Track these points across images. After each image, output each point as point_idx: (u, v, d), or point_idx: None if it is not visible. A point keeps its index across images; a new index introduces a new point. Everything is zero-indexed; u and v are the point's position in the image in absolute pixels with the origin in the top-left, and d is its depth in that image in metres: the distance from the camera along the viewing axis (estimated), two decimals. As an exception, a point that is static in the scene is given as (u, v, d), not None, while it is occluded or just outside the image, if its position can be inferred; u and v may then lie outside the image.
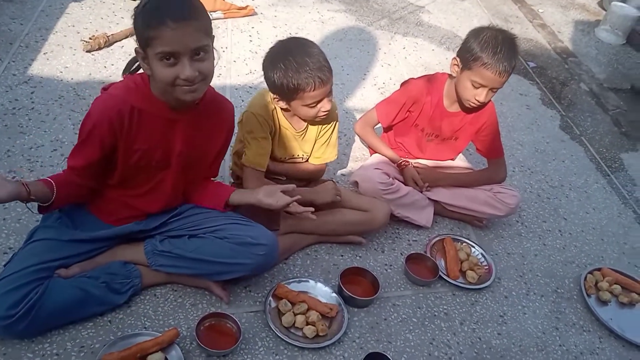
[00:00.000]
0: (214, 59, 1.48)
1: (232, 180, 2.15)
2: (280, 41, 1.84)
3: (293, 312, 1.79)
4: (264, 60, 1.83)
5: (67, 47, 2.80)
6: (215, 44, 1.49)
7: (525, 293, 2.13)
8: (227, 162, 2.33)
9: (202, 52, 1.42)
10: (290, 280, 1.91)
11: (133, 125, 1.53)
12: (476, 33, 2.01)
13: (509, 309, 2.05)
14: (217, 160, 1.79)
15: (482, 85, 1.99)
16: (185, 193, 1.79)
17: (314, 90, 1.76)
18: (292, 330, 1.77)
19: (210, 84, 1.67)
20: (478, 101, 2.02)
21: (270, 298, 1.81)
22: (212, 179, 1.85)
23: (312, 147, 2.05)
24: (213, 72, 1.49)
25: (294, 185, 1.75)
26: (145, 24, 1.37)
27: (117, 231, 1.72)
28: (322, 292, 1.90)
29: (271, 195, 1.69)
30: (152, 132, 1.56)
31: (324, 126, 2.02)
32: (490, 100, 2.13)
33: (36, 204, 1.53)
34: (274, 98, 1.85)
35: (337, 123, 2.07)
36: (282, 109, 1.90)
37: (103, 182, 1.64)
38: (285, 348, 1.72)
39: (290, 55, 1.76)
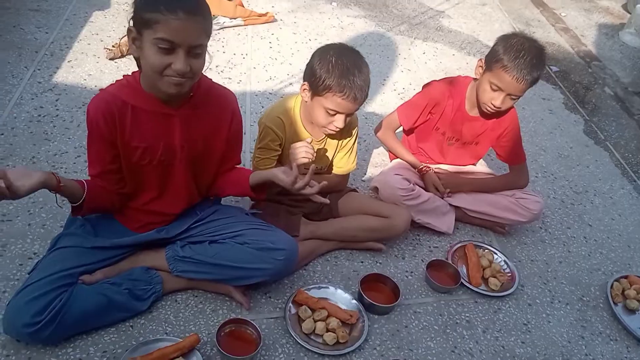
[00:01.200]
0: (205, 58, 1.47)
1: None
2: (343, 44, 1.83)
3: (313, 318, 1.79)
4: (317, 50, 1.80)
5: (90, 55, 2.84)
6: (236, 51, 1.50)
7: (549, 301, 2.09)
8: (247, 167, 2.34)
9: (199, 49, 1.41)
10: (310, 287, 1.90)
11: (127, 121, 1.52)
12: (506, 37, 1.99)
13: (532, 317, 2.02)
14: (231, 148, 1.75)
15: (500, 89, 1.97)
16: (209, 187, 1.78)
17: (341, 100, 1.74)
18: (312, 337, 1.76)
19: (233, 93, 1.69)
20: (494, 105, 2.00)
21: (290, 304, 1.81)
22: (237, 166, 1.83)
23: (332, 157, 2.04)
24: (201, 71, 1.48)
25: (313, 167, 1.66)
26: (153, 6, 1.34)
27: (139, 239, 1.74)
28: (342, 298, 1.89)
29: (286, 173, 1.62)
30: (148, 128, 1.55)
31: (346, 137, 2.02)
32: (511, 108, 2.11)
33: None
34: (302, 86, 1.82)
35: (357, 130, 2.06)
36: (304, 100, 1.87)
37: (124, 187, 1.65)
38: (305, 355, 1.72)
39: (345, 58, 1.74)
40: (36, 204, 2.00)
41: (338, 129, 1.84)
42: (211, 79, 1.66)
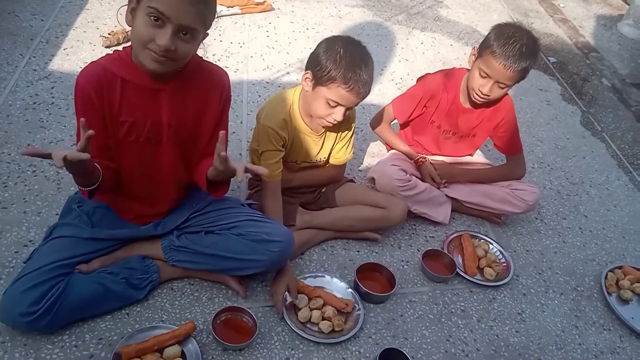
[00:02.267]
0: (196, 48, 1.44)
1: (249, 176, 2.14)
2: (350, 36, 1.81)
3: (309, 307, 1.79)
4: (324, 40, 1.79)
5: (86, 42, 2.83)
6: (233, 40, 1.46)
7: (544, 291, 2.10)
8: (244, 157, 2.34)
9: (189, 34, 1.37)
10: (307, 276, 1.91)
11: (116, 95, 1.48)
12: (500, 25, 1.99)
13: (527, 306, 2.03)
14: (217, 131, 1.66)
15: (488, 76, 1.96)
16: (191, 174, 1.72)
17: (345, 92, 1.72)
18: (308, 325, 1.77)
19: (224, 70, 1.64)
20: (482, 92, 1.99)
21: (287, 293, 1.81)
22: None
23: (330, 149, 2.04)
24: (187, 57, 1.44)
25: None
26: None
27: (136, 233, 1.73)
28: (338, 287, 1.90)
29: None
30: (136, 103, 1.51)
31: (345, 129, 2.01)
32: (501, 98, 2.10)
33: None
34: (305, 75, 1.80)
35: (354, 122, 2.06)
36: (304, 89, 1.85)
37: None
38: (300, 343, 1.72)
39: (353, 51, 1.73)
40: (31, 192, 1.99)
41: (335, 122, 1.83)
42: (201, 57, 1.60)
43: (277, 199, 1.90)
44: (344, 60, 1.70)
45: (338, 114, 1.79)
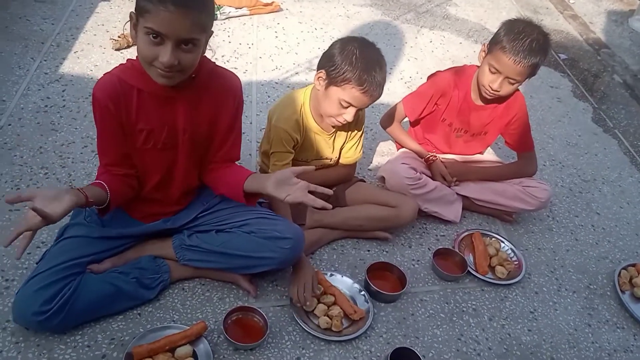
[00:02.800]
0: (200, 54, 1.45)
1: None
2: (364, 38, 1.81)
3: (318, 299, 1.80)
4: (338, 41, 1.79)
5: (96, 45, 2.85)
6: (241, 41, 1.47)
7: (556, 289, 2.09)
8: (254, 157, 2.35)
9: (190, 44, 1.38)
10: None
11: (132, 104, 1.50)
12: (510, 21, 1.98)
13: (539, 305, 2.01)
14: (232, 139, 1.71)
15: (498, 72, 1.95)
16: (206, 179, 1.74)
17: (359, 93, 1.73)
18: (310, 316, 1.78)
19: (236, 75, 1.66)
20: (492, 88, 1.98)
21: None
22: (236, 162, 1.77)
23: (340, 148, 2.04)
24: (194, 65, 1.45)
25: (312, 168, 1.66)
26: None
27: (146, 229, 1.75)
28: (349, 286, 1.89)
29: (281, 186, 1.52)
30: (152, 111, 1.53)
31: (354, 129, 2.01)
32: (512, 95, 2.08)
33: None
34: (318, 74, 1.80)
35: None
36: (316, 88, 1.85)
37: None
38: (312, 342, 1.72)
39: (368, 52, 1.74)
40: (44, 194, 2.01)
41: (345, 122, 1.83)
42: (214, 62, 1.63)
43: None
44: (360, 61, 1.71)
45: (349, 115, 1.80)
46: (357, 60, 1.71)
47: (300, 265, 1.80)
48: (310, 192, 1.52)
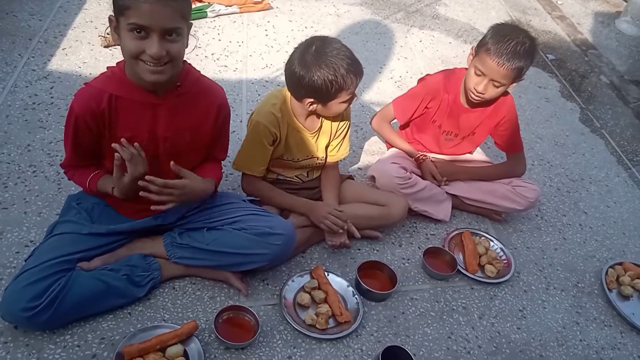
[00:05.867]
0: (186, 44, 1.45)
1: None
2: (306, 43, 1.76)
3: (310, 293, 1.81)
4: (296, 66, 1.73)
5: (85, 42, 2.82)
6: (232, 39, 1.48)
7: (545, 287, 2.11)
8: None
9: (175, 33, 1.39)
10: (304, 273, 1.91)
11: (113, 113, 1.51)
12: (498, 24, 2.00)
13: (528, 303, 2.03)
14: (216, 144, 1.74)
15: (483, 74, 1.96)
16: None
17: (352, 85, 1.76)
18: (296, 308, 1.79)
19: (221, 87, 1.67)
20: (477, 90, 1.99)
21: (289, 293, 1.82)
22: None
23: (326, 146, 2.04)
24: (182, 56, 1.46)
25: None
26: None
27: (136, 225, 1.74)
28: (343, 288, 1.89)
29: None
30: (134, 118, 1.54)
31: (339, 125, 2.00)
32: (498, 98, 2.09)
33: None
34: (308, 103, 1.79)
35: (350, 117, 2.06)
36: (310, 111, 1.85)
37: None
38: (303, 341, 1.73)
39: (327, 55, 1.71)
40: (32, 192, 1.99)
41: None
42: (200, 72, 1.64)
43: (259, 182, 1.96)
44: (337, 69, 1.70)
45: (353, 100, 1.85)
46: (330, 69, 1.69)
47: (309, 208, 1.90)
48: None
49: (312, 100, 1.79)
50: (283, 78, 2.83)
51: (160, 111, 1.56)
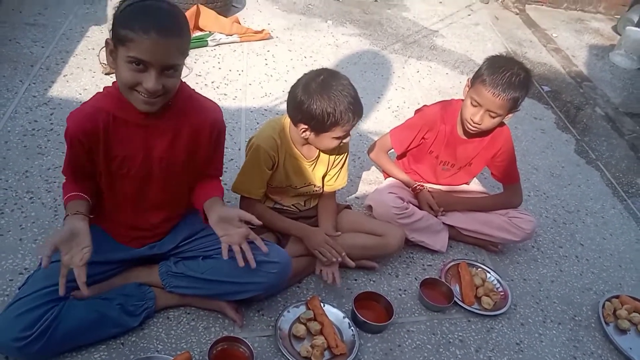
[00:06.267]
0: (180, 76, 1.47)
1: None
2: (316, 72, 1.80)
3: (306, 325, 1.80)
4: (300, 90, 1.77)
5: (86, 69, 2.85)
6: (231, 67, 1.49)
7: (542, 320, 2.10)
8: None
9: (173, 69, 1.40)
10: (301, 303, 1.89)
11: (109, 132, 1.51)
12: (493, 56, 2.02)
13: (525, 336, 2.02)
14: (213, 160, 1.73)
15: (479, 105, 1.98)
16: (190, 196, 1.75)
17: (347, 127, 1.77)
18: (292, 339, 1.77)
19: (215, 103, 1.68)
20: (473, 121, 2.01)
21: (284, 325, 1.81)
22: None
23: (323, 175, 2.05)
24: (176, 89, 1.47)
25: (252, 217, 1.61)
26: (127, 24, 1.33)
27: (132, 254, 1.73)
28: (339, 319, 1.88)
29: (222, 224, 1.57)
30: (128, 138, 1.53)
31: (337, 156, 2.02)
32: (494, 129, 2.11)
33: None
34: (302, 129, 1.81)
35: (348, 148, 2.08)
36: (303, 139, 1.87)
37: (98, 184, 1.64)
38: (298, 373, 1.71)
39: (331, 87, 1.73)
40: (28, 219, 1.98)
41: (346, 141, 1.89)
42: (193, 89, 1.64)
43: (258, 205, 1.96)
44: (336, 102, 1.72)
45: (346, 139, 1.86)
46: (331, 101, 1.72)
47: (306, 233, 1.89)
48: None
49: (306, 127, 1.80)
50: (282, 107, 2.90)
51: (155, 132, 1.56)
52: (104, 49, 1.44)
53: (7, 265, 1.82)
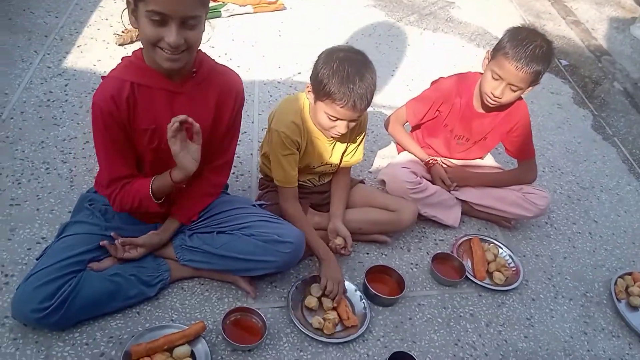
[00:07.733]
0: (203, 30, 1.44)
1: (260, 176, 2.15)
2: (351, 47, 1.77)
3: (319, 298, 1.82)
4: (323, 52, 1.76)
5: (100, 40, 2.84)
6: (245, 39, 1.46)
7: (553, 296, 2.10)
8: (255, 157, 2.35)
9: (193, 21, 1.37)
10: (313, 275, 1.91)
11: (136, 102, 1.50)
12: (515, 28, 1.98)
13: (536, 311, 2.03)
14: (228, 138, 1.72)
15: (500, 78, 1.95)
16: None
17: (341, 108, 1.70)
18: (304, 312, 1.80)
19: (237, 74, 1.66)
20: (494, 95, 1.98)
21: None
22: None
23: (342, 153, 2.03)
24: (199, 43, 1.45)
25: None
26: None
27: (147, 229, 1.75)
28: (350, 292, 1.90)
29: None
30: (155, 108, 1.52)
31: (356, 134, 2.00)
32: (513, 102, 2.08)
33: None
34: (307, 87, 1.80)
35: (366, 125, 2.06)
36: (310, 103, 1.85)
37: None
38: (309, 345, 1.73)
39: (347, 64, 1.68)
40: (45, 189, 2.01)
41: (339, 135, 1.82)
42: (214, 60, 1.62)
43: (296, 204, 1.92)
44: (337, 75, 1.67)
45: (341, 127, 1.77)
46: (334, 74, 1.67)
47: (328, 259, 1.88)
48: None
49: (310, 87, 1.79)
50: (295, 79, 2.88)
51: (180, 101, 1.55)
52: (126, 10, 1.41)
53: (24, 234, 1.85)
